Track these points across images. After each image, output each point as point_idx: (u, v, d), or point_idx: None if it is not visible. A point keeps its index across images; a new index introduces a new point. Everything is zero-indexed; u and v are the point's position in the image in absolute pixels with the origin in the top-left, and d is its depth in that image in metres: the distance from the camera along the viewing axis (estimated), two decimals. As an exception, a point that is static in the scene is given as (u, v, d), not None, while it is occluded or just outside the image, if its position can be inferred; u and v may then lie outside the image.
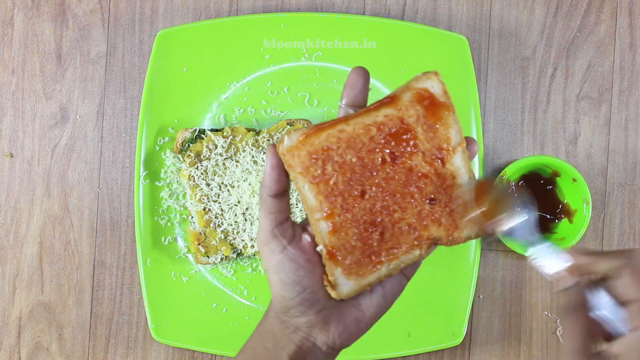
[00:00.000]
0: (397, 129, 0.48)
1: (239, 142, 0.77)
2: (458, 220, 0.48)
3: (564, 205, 0.80)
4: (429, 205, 0.48)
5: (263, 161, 0.76)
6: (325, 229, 0.47)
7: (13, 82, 0.82)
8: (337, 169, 0.47)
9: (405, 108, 0.48)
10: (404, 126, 0.48)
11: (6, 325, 0.81)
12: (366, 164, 0.47)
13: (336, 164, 0.47)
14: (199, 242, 0.76)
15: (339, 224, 0.47)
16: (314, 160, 0.47)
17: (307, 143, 0.47)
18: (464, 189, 0.49)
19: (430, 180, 0.48)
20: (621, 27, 0.83)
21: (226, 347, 0.78)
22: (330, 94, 0.80)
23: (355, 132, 0.47)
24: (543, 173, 0.80)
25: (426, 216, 0.48)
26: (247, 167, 0.76)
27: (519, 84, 0.82)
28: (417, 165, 0.48)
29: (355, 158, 0.47)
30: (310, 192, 0.47)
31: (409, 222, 0.48)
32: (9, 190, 0.81)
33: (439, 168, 0.48)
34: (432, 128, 0.48)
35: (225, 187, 0.77)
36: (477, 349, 0.81)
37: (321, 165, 0.47)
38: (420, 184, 0.48)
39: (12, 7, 0.82)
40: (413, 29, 0.79)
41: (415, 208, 0.48)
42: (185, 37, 0.79)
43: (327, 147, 0.47)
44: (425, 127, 0.48)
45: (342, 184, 0.47)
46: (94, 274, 0.81)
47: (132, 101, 0.82)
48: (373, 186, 0.47)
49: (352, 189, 0.47)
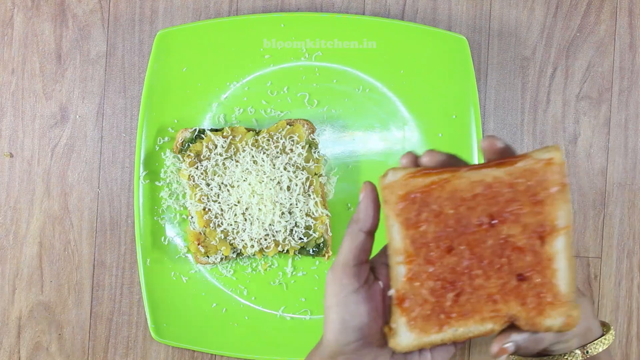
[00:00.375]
0: (504, 195, 0.45)
1: (239, 142, 0.77)
2: (544, 307, 0.45)
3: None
4: (517, 281, 0.45)
5: (263, 161, 0.76)
6: (403, 274, 0.46)
7: (13, 82, 0.82)
8: (432, 217, 0.46)
9: (518, 176, 0.45)
10: (512, 193, 0.45)
11: (6, 325, 0.81)
12: (461, 221, 0.45)
13: (432, 212, 0.46)
14: (198, 242, 0.76)
15: (417, 273, 0.46)
16: (411, 202, 0.45)
17: (410, 184, 0.46)
18: (572, 294, 0.45)
19: (525, 256, 0.45)
20: (621, 27, 0.83)
21: (226, 347, 0.78)
22: (330, 94, 0.80)
23: (459, 186, 0.45)
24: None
25: (510, 291, 0.46)
26: (247, 167, 0.76)
27: (518, 84, 0.82)
28: (515, 236, 0.45)
29: (453, 211, 0.45)
30: (399, 233, 0.46)
31: (490, 291, 0.46)
32: (8, 190, 0.81)
33: (537, 246, 0.45)
34: (540, 203, 0.45)
35: (225, 187, 0.77)
36: (477, 349, 0.81)
37: (417, 209, 0.46)
38: (512, 256, 0.45)
39: (12, 7, 0.82)
40: (413, 29, 0.79)
41: (500, 279, 0.45)
42: (185, 37, 0.79)
43: (428, 193, 0.45)
44: (534, 201, 0.45)
45: (432, 234, 0.46)
46: (93, 274, 0.81)
47: (132, 101, 0.82)
48: (462, 245, 0.46)
49: (440, 241, 0.46)
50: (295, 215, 0.76)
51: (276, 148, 0.77)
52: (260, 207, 0.76)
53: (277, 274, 0.79)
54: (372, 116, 0.80)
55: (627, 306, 0.81)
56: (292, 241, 0.76)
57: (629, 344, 0.81)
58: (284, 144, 0.77)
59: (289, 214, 0.76)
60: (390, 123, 0.80)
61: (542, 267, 0.45)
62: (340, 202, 0.79)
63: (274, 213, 0.76)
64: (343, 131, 0.80)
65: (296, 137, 0.77)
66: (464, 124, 0.78)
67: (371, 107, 0.80)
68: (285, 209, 0.76)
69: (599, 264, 0.81)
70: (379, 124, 0.80)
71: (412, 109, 0.80)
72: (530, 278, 0.45)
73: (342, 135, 0.80)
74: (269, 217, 0.76)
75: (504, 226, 0.45)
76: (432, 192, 0.46)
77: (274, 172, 0.76)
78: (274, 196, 0.76)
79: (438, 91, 0.79)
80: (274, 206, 0.76)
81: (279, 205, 0.76)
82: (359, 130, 0.80)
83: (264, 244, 0.76)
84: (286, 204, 0.76)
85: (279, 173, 0.76)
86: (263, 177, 0.76)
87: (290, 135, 0.77)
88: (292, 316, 0.78)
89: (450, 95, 0.79)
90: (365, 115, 0.80)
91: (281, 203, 0.76)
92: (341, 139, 0.80)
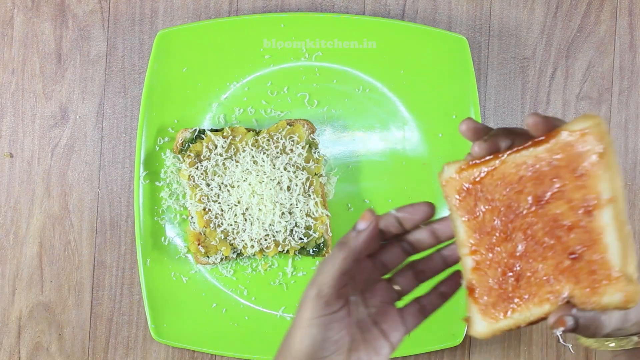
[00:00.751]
0: (547, 174, 0.44)
1: (239, 142, 0.77)
2: (599, 284, 0.44)
3: None
4: (570, 260, 0.44)
5: (263, 161, 0.76)
6: (469, 265, 0.47)
7: (13, 82, 0.82)
8: (487, 206, 0.46)
9: (556, 151, 0.44)
10: (554, 171, 0.44)
11: (6, 325, 0.81)
12: (512, 206, 0.46)
13: (486, 201, 0.46)
14: (198, 242, 0.76)
15: (480, 263, 0.47)
16: (467, 194, 0.46)
17: (463, 176, 0.47)
18: (629, 267, 0.44)
19: (575, 234, 0.44)
20: (621, 27, 0.83)
21: (226, 347, 0.78)
22: (330, 94, 0.80)
23: (506, 171, 0.45)
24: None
25: (564, 270, 0.45)
26: (247, 167, 0.76)
27: (518, 84, 0.82)
28: (563, 214, 0.44)
29: (504, 197, 0.46)
30: (462, 225, 0.47)
31: (546, 272, 0.45)
32: (9, 190, 0.81)
33: (586, 222, 0.44)
34: (582, 177, 0.44)
35: (225, 187, 0.77)
36: (477, 349, 0.81)
37: (473, 200, 0.46)
38: (563, 235, 0.45)
39: (12, 7, 0.82)
40: (413, 29, 0.79)
41: (553, 259, 0.45)
42: (185, 37, 0.79)
43: (480, 183, 0.46)
44: (576, 175, 0.44)
45: (488, 223, 0.46)
46: (93, 274, 0.81)
47: (132, 101, 0.82)
48: (516, 229, 0.46)
49: (497, 229, 0.46)
50: (296, 215, 0.76)
51: (276, 148, 0.77)
52: (260, 207, 0.76)
53: (277, 274, 0.79)
54: (372, 116, 0.80)
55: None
56: (292, 241, 0.76)
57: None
58: (284, 144, 0.77)
59: (289, 214, 0.76)
60: (390, 123, 0.80)
61: (593, 243, 0.44)
62: (340, 202, 0.79)
63: (274, 213, 0.76)
64: (343, 131, 0.80)
65: (296, 137, 0.77)
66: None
67: (371, 107, 0.80)
68: (285, 209, 0.76)
69: (599, 264, 0.81)
70: (379, 124, 0.80)
71: (412, 109, 0.80)
72: (582, 256, 0.44)
73: (342, 136, 0.80)
74: (269, 217, 0.76)
75: (551, 205, 0.45)
76: (483, 182, 0.46)
77: (274, 172, 0.76)
78: (274, 196, 0.76)
79: (438, 91, 0.79)
80: (274, 206, 0.76)
81: (279, 206, 0.76)
82: (359, 130, 0.80)
83: (264, 244, 0.76)
84: (286, 204, 0.76)
85: (279, 173, 0.76)
86: (263, 177, 0.76)
87: (290, 136, 0.77)
88: (292, 316, 0.78)
89: (450, 95, 0.79)
90: (365, 115, 0.80)
91: (281, 203, 0.76)
92: (341, 139, 0.80)
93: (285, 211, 0.76)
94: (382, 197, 0.79)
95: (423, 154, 0.79)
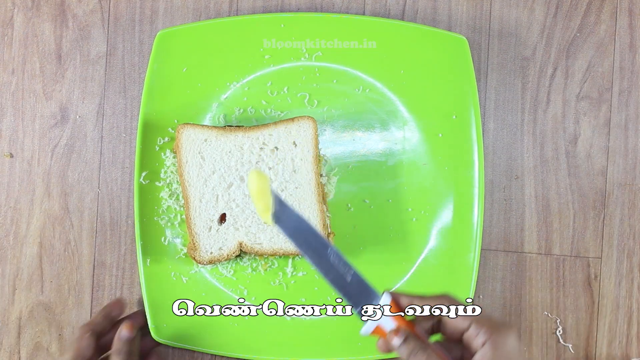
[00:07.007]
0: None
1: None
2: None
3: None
4: None
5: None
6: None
7: (13, 82, 0.82)
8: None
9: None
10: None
11: (6, 325, 0.81)
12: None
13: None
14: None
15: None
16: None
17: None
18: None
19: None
20: (621, 27, 0.83)
21: (226, 347, 0.78)
22: (330, 94, 0.80)
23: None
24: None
25: None
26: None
27: (518, 84, 0.82)
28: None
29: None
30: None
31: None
32: (9, 190, 0.81)
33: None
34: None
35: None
36: (477, 349, 0.81)
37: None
38: None
39: (12, 7, 0.82)
40: (413, 29, 0.79)
41: None
42: (185, 37, 0.79)
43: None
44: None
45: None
46: (93, 274, 0.81)
47: (132, 101, 0.82)
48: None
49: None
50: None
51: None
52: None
53: (277, 274, 0.79)
54: (372, 116, 0.80)
55: (627, 306, 0.81)
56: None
57: (629, 344, 0.81)
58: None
59: (289, 214, 0.76)
60: (390, 123, 0.80)
61: None
62: (340, 202, 0.79)
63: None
64: (343, 131, 0.80)
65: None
66: (464, 124, 0.78)
67: (371, 107, 0.80)
68: (285, 209, 0.76)
69: (599, 264, 0.82)
70: (379, 124, 0.80)
71: (412, 109, 0.80)
72: None
73: (342, 136, 0.80)
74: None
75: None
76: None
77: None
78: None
79: (438, 91, 0.79)
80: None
81: (279, 206, 0.76)
82: (359, 130, 0.80)
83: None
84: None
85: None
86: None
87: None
88: (292, 316, 0.79)
89: (450, 95, 0.79)
90: (365, 115, 0.80)
91: (281, 203, 0.76)
92: (341, 139, 0.80)
93: (285, 211, 0.76)
94: (382, 197, 0.79)
95: (423, 154, 0.79)
